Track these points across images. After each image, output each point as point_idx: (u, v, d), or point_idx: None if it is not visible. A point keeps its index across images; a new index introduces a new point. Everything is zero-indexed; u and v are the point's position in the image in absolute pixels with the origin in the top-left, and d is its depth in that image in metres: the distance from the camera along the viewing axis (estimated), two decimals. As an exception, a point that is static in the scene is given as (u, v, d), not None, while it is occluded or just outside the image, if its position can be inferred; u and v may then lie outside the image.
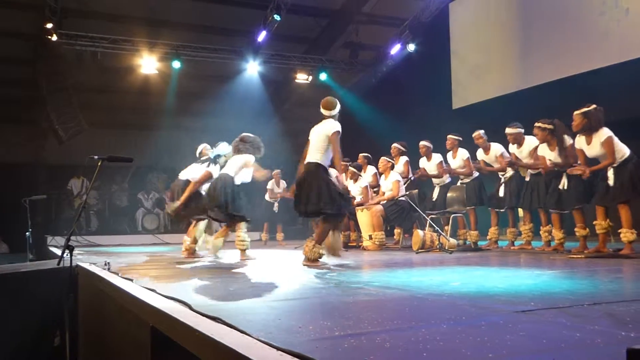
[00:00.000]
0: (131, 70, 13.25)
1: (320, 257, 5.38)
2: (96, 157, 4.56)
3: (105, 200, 14.83)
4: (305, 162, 5.55)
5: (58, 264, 4.52)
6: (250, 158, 6.71)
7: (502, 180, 7.58)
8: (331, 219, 5.41)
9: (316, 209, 5.34)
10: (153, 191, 15.27)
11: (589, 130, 5.92)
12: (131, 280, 3.92)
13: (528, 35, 10.50)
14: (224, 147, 7.22)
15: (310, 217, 6.48)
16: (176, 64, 12.76)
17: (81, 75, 12.98)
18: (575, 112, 6.01)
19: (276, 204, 11.11)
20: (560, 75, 9.52)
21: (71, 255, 4.18)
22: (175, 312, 2.53)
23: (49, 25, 11.26)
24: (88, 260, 5.77)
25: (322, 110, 5.58)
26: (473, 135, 7.84)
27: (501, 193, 7.54)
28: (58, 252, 7.11)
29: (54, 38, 11.46)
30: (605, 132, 5.84)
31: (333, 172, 5.74)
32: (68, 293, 4.33)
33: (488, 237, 7.85)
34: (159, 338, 2.58)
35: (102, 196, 14.75)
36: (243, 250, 6.62)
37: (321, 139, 5.49)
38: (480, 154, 7.89)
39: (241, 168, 6.66)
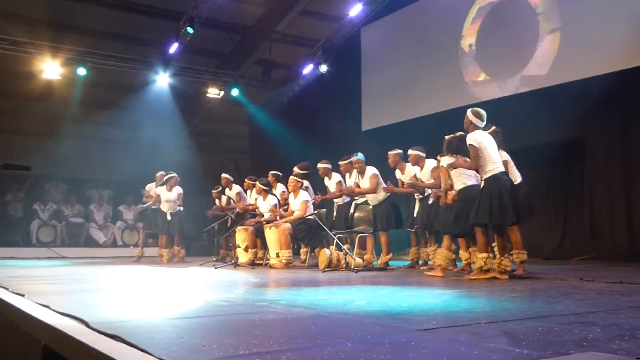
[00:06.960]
0: (32, 74, 12.58)
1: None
2: (-11, 164, 4.29)
3: (-3, 210, 13.96)
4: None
5: (-60, 277, 4.20)
6: None
7: (416, 201, 7.76)
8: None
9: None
10: (50, 202, 14.57)
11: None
12: (22, 295, 3.70)
13: (432, 61, 10.90)
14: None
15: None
16: (81, 71, 12.25)
17: (-25, 77, 12.23)
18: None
19: (169, 213, 10.09)
20: (467, 101, 9.84)
21: (-44, 269, 3.90)
22: (70, 329, 2.40)
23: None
24: (-26, 274, 5.39)
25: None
26: (389, 153, 7.97)
27: (415, 213, 7.73)
28: (-60, 264, 6.59)
29: (-55, 36, 10.73)
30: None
31: None
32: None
33: (409, 258, 8.05)
34: (52, 357, 2.43)
35: (-7, 206, 13.88)
36: None
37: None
38: (397, 173, 8.02)
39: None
